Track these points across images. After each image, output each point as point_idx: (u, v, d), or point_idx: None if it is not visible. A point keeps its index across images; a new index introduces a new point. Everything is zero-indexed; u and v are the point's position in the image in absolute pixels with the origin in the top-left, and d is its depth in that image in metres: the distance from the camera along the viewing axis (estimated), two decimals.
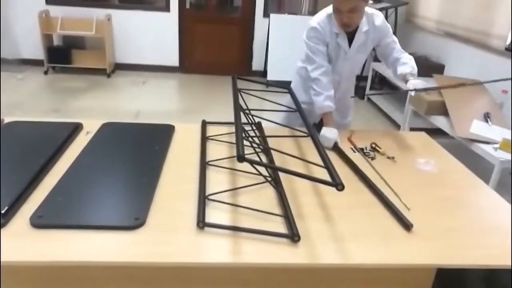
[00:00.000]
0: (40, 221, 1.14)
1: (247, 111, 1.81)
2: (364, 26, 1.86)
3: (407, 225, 1.23)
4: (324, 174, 1.16)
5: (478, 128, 2.91)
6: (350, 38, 1.88)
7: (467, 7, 4.15)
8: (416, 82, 1.80)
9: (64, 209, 1.20)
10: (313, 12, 5.37)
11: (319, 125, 1.91)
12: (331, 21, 1.85)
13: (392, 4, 5.06)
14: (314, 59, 1.87)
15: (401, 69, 1.88)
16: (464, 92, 3.42)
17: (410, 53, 1.98)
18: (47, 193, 1.27)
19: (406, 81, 1.85)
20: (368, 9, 1.87)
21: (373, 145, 1.81)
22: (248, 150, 1.24)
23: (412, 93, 1.79)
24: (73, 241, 1.08)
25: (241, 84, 1.86)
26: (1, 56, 5.40)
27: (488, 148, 2.69)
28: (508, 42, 3.62)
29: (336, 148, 1.76)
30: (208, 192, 1.33)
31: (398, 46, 1.96)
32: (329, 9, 1.86)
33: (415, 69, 1.88)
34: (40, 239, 1.08)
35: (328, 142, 1.76)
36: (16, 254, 1.03)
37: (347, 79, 2.04)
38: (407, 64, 1.89)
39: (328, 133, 1.78)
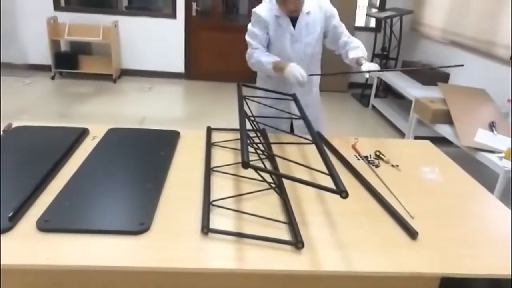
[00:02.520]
0: (46, 225, 1.15)
1: (251, 118, 1.82)
2: (306, 8, 1.96)
3: (412, 233, 1.23)
4: (328, 181, 1.17)
5: (483, 137, 2.91)
6: (294, 21, 1.97)
7: (472, 16, 4.16)
8: (370, 65, 1.88)
9: (70, 213, 1.21)
10: None
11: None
12: (271, 5, 1.97)
13: (397, 12, 5.08)
14: (250, 42, 2.02)
15: (353, 53, 1.98)
16: (469, 101, 3.42)
17: (414, 61, 2.02)
18: (54, 197, 1.28)
19: (360, 65, 1.93)
20: None
21: (377, 153, 1.81)
22: (252, 157, 1.24)
23: (367, 75, 1.90)
24: (78, 245, 1.09)
25: (246, 91, 1.88)
26: (10, 61, 5.47)
27: (493, 157, 2.69)
28: None
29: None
30: (212, 198, 1.34)
31: (345, 30, 2.07)
32: None
33: (365, 53, 1.99)
34: (46, 243, 1.09)
35: (296, 76, 1.81)
36: (22, 257, 1.04)
37: (301, 61, 1.99)
38: (359, 48, 1.99)
39: (293, 71, 1.82)
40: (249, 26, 2.05)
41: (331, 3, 2.05)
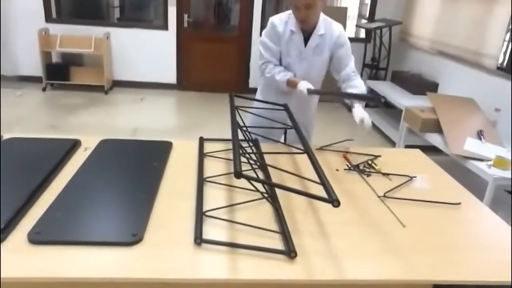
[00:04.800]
0: (37, 237, 1.14)
1: (244, 128, 1.84)
2: (320, 30, 2.00)
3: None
4: (320, 191, 1.18)
5: (471, 145, 2.95)
6: (307, 40, 2.01)
7: (459, 27, 4.24)
8: (361, 114, 1.89)
9: (62, 225, 1.21)
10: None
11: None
12: (290, 20, 2.00)
13: (386, 23, 5.17)
14: (263, 54, 2.04)
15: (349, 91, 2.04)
16: (457, 110, 3.47)
17: (404, 71, 2.06)
18: (45, 209, 1.28)
19: (352, 106, 1.98)
20: (329, 18, 2.05)
21: (369, 162, 1.83)
22: (245, 167, 1.25)
23: (357, 119, 1.90)
24: (70, 257, 1.09)
25: (238, 101, 1.89)
26: (1, 73, 5.44)
27: (482, 165, 2.72)
28: (500, 61, 3.70)
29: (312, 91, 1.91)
30: (205, 208, 1.34)
31: (352, 64, 2.08)
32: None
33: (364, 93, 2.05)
34: (37, 255, 1.09)
35: (304, 90, 1.90)
36: (13, 270, 1.03)
37: (305, 79, 2.01)
38: (357, 89, 2.03)
39: (303, 84, 1.92)
40: (263, 35, 2.06)
41: (325, 13, 2.08)
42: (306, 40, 2.01)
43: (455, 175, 1.81)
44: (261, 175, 1.63)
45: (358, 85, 2.04)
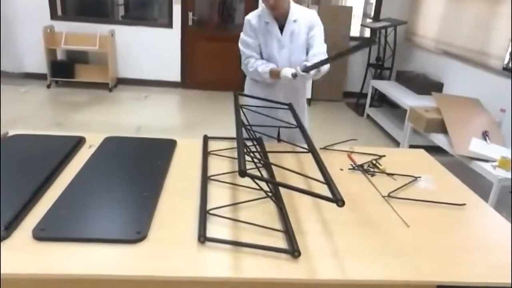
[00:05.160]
0: (42, 234, 1.15)
1: (248, 127, 1.84)
2: (293, 16, 2.05)
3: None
4: (324, 190, 1.18)
5: (476, 146, 2.94)
6: (282, 28, 2.06)
7: (465, 27, 4.22)
8: (289, 70, 1.91)
9: (66, 222, 1.21)
10: None
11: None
12: (263, 13, 2.07)
13: (391, 23, 5.14)
14: (243, 51, 2.12)
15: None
16: (462, 111, 3.45)
17: (409, 71, 2.04)
18: (50, 206, 1.28)
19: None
20: (301, 6, 2.12)
21: (373, 162, 1.83)
22: (249, 165, 1.25)
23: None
24: (74, 254, 1.09)
25: (242, 99, 1.89)
26: (6, 70, 5.47)
27: (486, 166, 2.71)
28: (506, 61, 3.68)
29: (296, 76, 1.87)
30: (209, 206, 1.34)
31: (321, 46, 2.07)
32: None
33: (312, 62, 1.95)
34: (42, 252, 1.09)
35: (288, 75, 1.90)
36: (18, 266, 1.04)
37: (287, 67, 2.03)
38: (316, 56, 2.00)
39: (286, 71, 1.91)
40: (242, 34, 2.14)
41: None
42: (282, 29, 2.07)
43: (460, 175, 1.80)
44: (265, 174, 1.63)
45: (316, 53, 2.03)
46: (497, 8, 3.74)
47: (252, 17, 2.10)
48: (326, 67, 1.97)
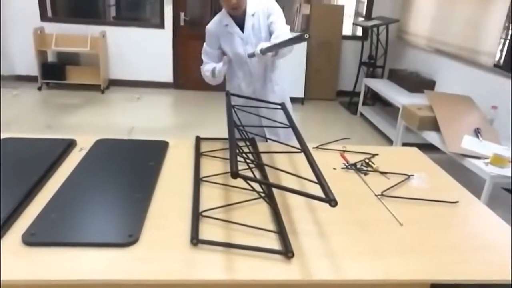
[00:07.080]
0: (32, 239, 1.13)
1: (240, 127, 1.83)
2: (251, 10, 2.07)
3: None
4: (318, 190, 1.17)
5: (469, 143, 2.95)
6: (242, 25, 2.09)
7: (456, 24, 4.24)
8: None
9: (57, 226, 1.20)
10: (305, 29, 5.46)
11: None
12: (222, 17, 2.11)
13: (383, 21, 5.16)
14: (203, 58, 2.25)
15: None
16: (454, 108, 3.48)
17: (401, 69, 2.05)
18: (40, 210, 1.26)
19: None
20: None
21: (366, 161, 1.83)
22: (242, 166, 1.24)
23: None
24: (66, 259, 1.08)
25: (234, 99, 1.88)
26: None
27: (479, 163, 2.73)
28: (497, 58, 3.70)
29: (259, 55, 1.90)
30: (202, 208, 1.33)
31: (282, 27, 2.06)
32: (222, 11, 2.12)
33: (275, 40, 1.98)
34: (32, 257, 1.07)
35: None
36: (8, 272, 1.02)
37: (257, 62, 2.11)
38: (278, 38, 1.98)
39: (259, 47, 1.91)
40: (204, 43, 2.21)
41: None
42: (241, 27, 2.09)
43: (453, 173, 1.81)
44: (258, 174, 1.62)
45: (278, 35, 2.02)
46: (488, 6, 3.76)
47: (211, 25, 2.15)
48: (285, 50, 1.99)
